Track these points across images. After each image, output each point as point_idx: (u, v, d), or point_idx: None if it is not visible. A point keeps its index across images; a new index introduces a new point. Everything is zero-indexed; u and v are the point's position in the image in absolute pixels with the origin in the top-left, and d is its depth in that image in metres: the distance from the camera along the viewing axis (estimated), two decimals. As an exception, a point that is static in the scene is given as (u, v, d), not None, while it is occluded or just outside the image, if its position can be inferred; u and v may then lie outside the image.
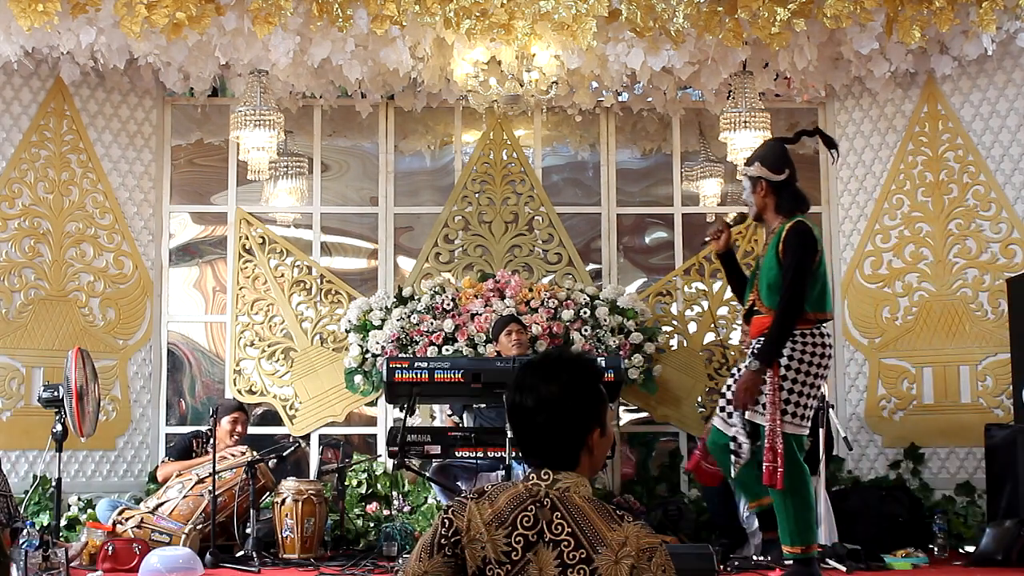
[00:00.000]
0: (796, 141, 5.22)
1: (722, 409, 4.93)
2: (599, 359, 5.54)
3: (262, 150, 6.77)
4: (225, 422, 6.38)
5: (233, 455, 6.17)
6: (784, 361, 4.73)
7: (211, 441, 6.47)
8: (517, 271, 7.16)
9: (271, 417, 7.34)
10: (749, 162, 5.01)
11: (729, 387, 4.94)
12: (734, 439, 4.83)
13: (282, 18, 5.63)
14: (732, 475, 4.93)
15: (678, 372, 7.21)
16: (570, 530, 2.19)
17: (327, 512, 6.14)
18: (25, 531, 5.21)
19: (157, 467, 6.65)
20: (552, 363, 2.31)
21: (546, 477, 2.26)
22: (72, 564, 5.22)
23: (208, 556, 5.55)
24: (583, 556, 2.17)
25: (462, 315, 6.81)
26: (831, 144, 5.19)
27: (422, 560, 2.24)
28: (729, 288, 5.46)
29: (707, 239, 5.21)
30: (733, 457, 4.85)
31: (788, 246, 4.75)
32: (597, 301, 6.93)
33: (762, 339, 4.80)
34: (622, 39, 6.07)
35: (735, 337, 7.12)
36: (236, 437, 6.41)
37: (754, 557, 5.71)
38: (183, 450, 6.49)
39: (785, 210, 4.89)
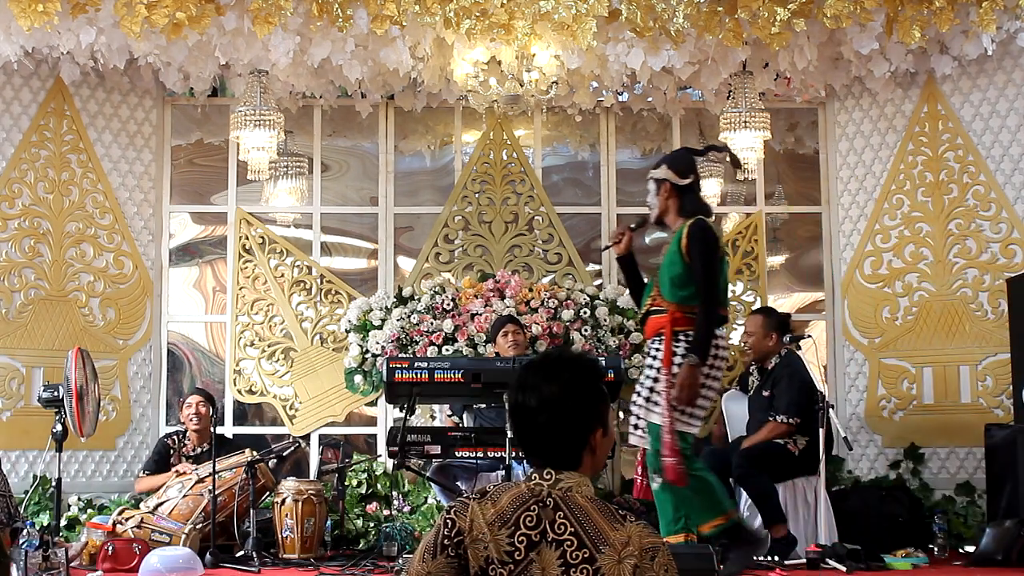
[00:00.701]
0: (704, 154, 5.38)
1: (635, 427, 4.93)
2: (599, 359, 5.53)
3: (262, 150, 6.77)
4: (191, 398, 6.44)
5: (186, 471, 6.14)
6: (677, 360, 4.78)
7: (185, 435, 6.50)
8: (517, 271, 7.15)
9: (270, 417, 7.35)
10: (656, 165, 5.12)
11: (635, 402, 4.93)
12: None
13: (282, 18, 5.63)
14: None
15: (678, 372, 7.20)
16: (573, 530, 2.19)
17: (327, 512, 6.14)
18: (25, 531, 5.21)
19: (136, 480, 6.63)
20: (553, 363, 2.31)
21: (548, 477, 2.26)
22: (72, 564, 5.22)
23: (208, 556, 5.54)
24: (586, 556, 2.17)
25: (462, 315, 6.81)
26: (736, 163, 5.31)
27: (425, 561, 2.25)
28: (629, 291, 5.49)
29: (609, 243, 5.25)
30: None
31: (693, 241, 4.85)
32: (597, 301, 6.93)
33: (658, 339, 4.87)
34: (622, 39, 6.07)
35: (735, 337, 7.12)
36: (195, 420, 6.40)
37: (754, 557, 5.71)
38: (161, 457, 6.48)
39: (687, 213, 4.99)
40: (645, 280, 5.26)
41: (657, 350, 4.91)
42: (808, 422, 6.00)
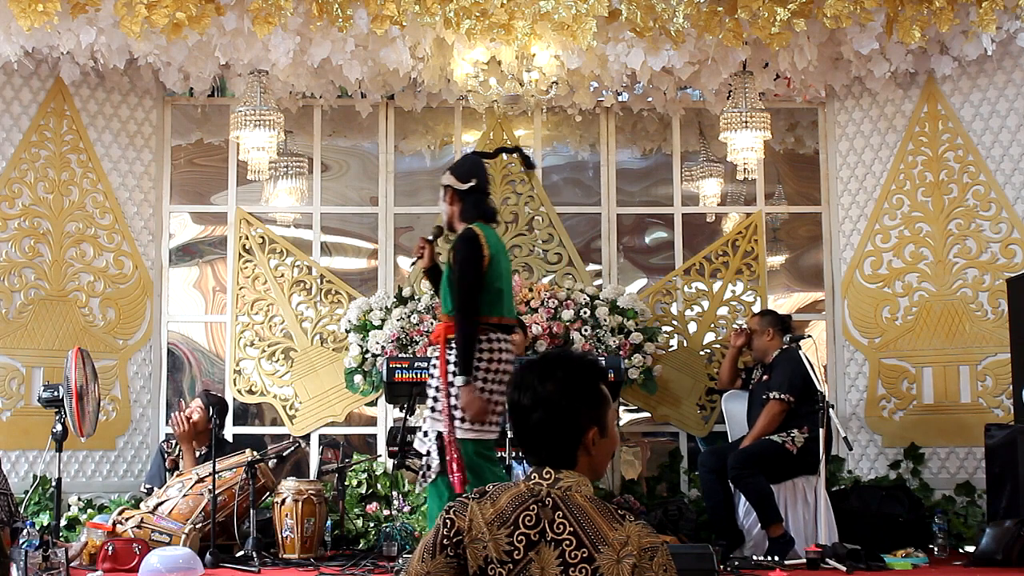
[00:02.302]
0: (495, 156, 5.30)
1: (425, 434, 4.88)
2: (599, 359, 5.54)
3: (262, 150, 6.77)
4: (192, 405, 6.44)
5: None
6: (451, 368, 4.75)
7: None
8: (517, 271, 7.15)
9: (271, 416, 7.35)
10: (444, 171, 5.10)
11: (433, 407, 4.89)
12: (428, 453, 4.82)
13: (282, 18, 5.63)
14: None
15: (678, 372, 7.21)
16: (572, 529, 2.20)
17: (327, 512, 6.13)
18: (25, 531, 5.21)
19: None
20: (550, 362, 2.32)
21: (547, 476, 2.27)
22: (72, 564, 5.22)
23: (208, 556, 5.54)
24: (585, 555, 2.18)
25: (462, 315, 6.80)
26: (528, 164, 5.25)
27: (424, 561, 2.25)
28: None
29: (413, 260, 5.23)
30: (420, 475, 4.89)
31: (454, 253, 4.82)
32: (597, 301, 6.93)
33: (436, 348, 4.86)
34: (622, 39, 6.07)
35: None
36: (182, 427, 6.36)
37: (754, 557, 5.72)
38: (159, 469, 6.49)
39: (468, 218, 4.95)
40: None
41: (437, 360, 4.88)
42: (807, 414, 6.02)
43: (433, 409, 4.80)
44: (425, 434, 4.85)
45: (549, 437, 2.28)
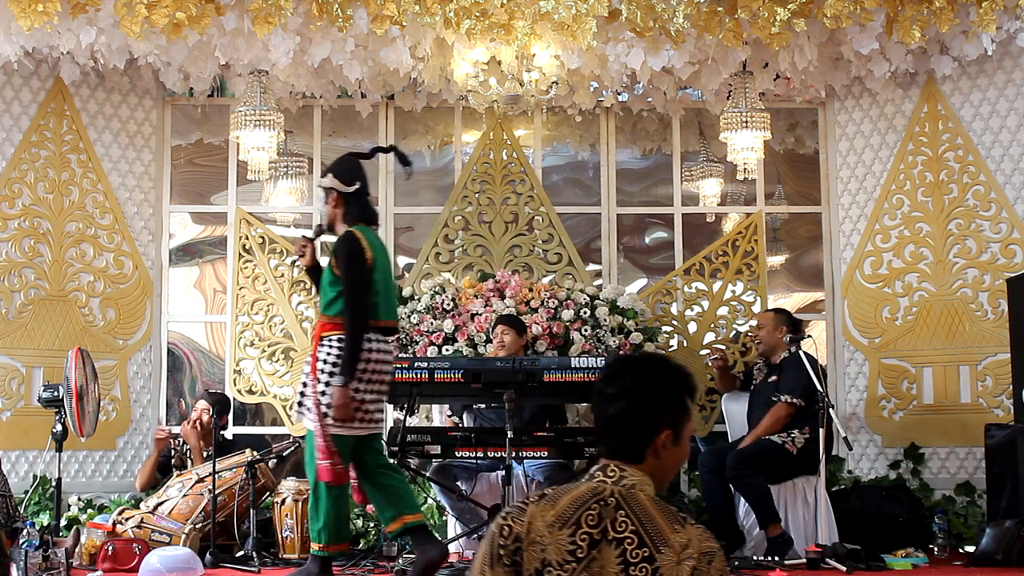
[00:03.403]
0: (371, 157, 5.33)
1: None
2: (599, 359, 5.54)
3: (262, 150, 6.77)
4: (195, 410, 6.43)
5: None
6: (320, 365, 4.81)
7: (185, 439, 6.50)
8: (517, 271, 7.15)
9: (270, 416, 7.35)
10: (323, 173, 5.12)
11: (300, 403, 4.95)
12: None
13: (282, 18, 5.63)
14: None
15: (678, 372, 7.20)
16: (634, 528, 2.21)
17: (327, 512, 6.12)
18: (25, 531, 5.22)
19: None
20: (643, 360, 2.38)
21: (612, 474, 2.29)
22: (72, 562, 5.23)
23: (208, 556, 5.54)
24: (646, 555, 2.18)
25: (462, 315, 6.81)
26: (405, 161, 5.27)
27: (484, 572, 2.25)
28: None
29: (295, 258, 5.26)
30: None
31: (337, 256, 4.88)
32: (597, 301, 6.92)
33: (313, 346, 4.91)
34: (622, 39, 6.07)
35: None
36: (198, 428, 6.37)
37: (754, 557, 5.72)
38: (163, 461, 6.50)
39: (350, 220, 5.00)
40: None
41: (310, 357, 4.94)
42: (808, 414, 6.03)
43: (301, 404, 4.88)
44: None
45: (625, 428, 2.30)
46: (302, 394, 4.90)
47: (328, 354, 4.84)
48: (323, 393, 4.80)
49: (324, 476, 4.78)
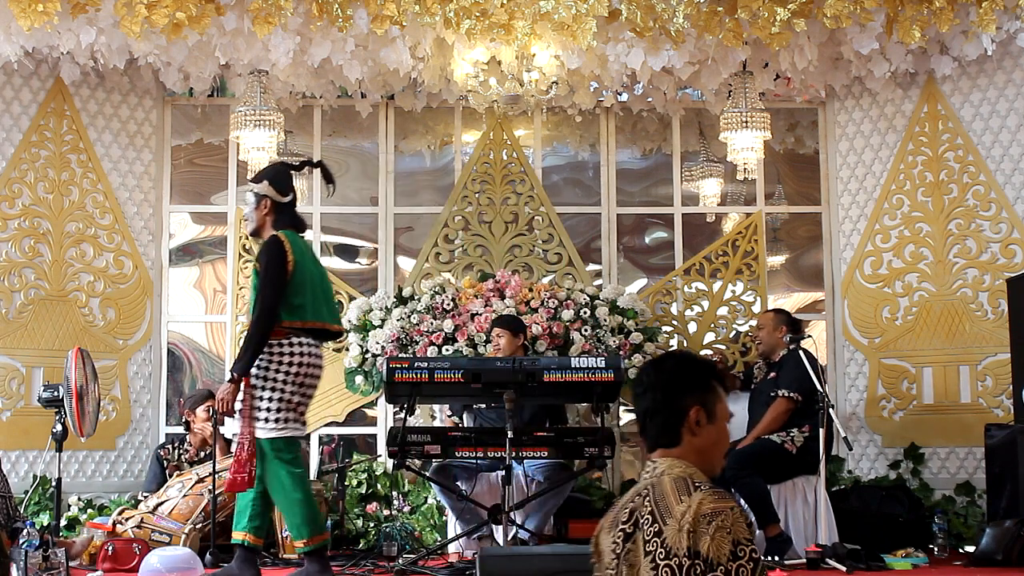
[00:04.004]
0: (301, 169, 5.38)
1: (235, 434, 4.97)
2: (599, 359, 5.54)
3: (262, 150, 6.77)
4: (200, 411, 6.40)
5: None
6: (253, 370, 4.85)
7: (184, 441, 6.48)
8: (517, 271, 7.15)
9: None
10: (257, 179, 5.15)
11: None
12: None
13: (282, 18, 5.63)
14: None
15: (678, 372, 7.20)
16: (650, 510, 2.28)
17: (327, 512, 6.14)
18: (25, 531, 5.22)
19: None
20: (665, 354, 2.55)
21: (649, 468, 2.39)
22: (72, 564, 5.23)
23: (208, 556, 5.55)
24: (656, 531, 2.24)
25: (462, 315, 6.81)
26: (329, 179, 5.30)
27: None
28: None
29: None
30: None
31: (260, 256, 4.93)
32: (597, 301, 6.92)
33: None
34: (622, 39, 6.07)
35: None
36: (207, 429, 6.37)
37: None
38: (157, 475, 6.48)
39: (279, 227, 5.04)
40: None
41: None
42: (808, 413, 6.03)
43: (234, 411, 4.91)
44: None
45: (655, 418, 2.42)
46: (242, 401, 4.92)
47: (260, 359, 4.87)
48: (259, 398, 4.85)
49: (228, 487, 4.88)
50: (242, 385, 4.86)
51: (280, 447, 4.88)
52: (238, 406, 4.86)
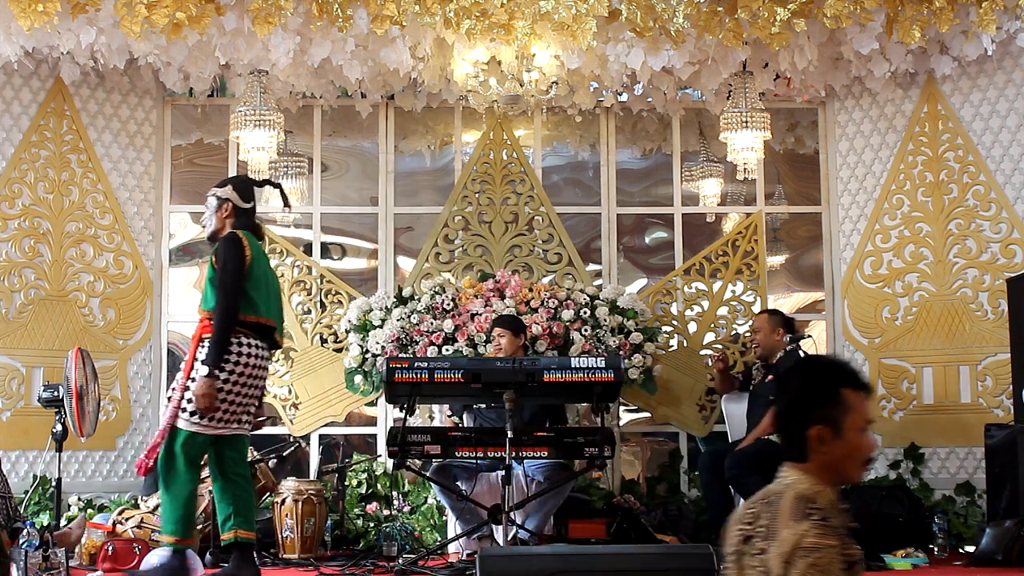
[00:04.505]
0: (263, 186, 5.48)
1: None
2: (599, 359, 5.54)
3: (262, 150, 6.77)
4: None
5: None
6: (196, 365, 4.90)
7: None
8: (517, 271, 7.15)
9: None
10: (221, 185, 5.22)
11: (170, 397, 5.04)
12: None
13: (282, 18, 5.63)
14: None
15: (678, 372, 7.21)
16: (764, 523, 2.32)
17: (327, 512, 6.14)
18: (25, 531, 5.22)
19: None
20: (797, 364, 2.57)
21: (781, 476, 2.42)
22: (72, 563, 5.23)
23: (208, 556, 5.54)
24: (763, 547, 2.29)
25: (462, 315, 6.81)
26: (286, 202, 5.44)
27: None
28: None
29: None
30: None
31: (219, 251, 5.00)
32: (597, 301, 6.92)
33: (200, 348, 4.98)
34: (622, 39, 6.07)
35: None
36: None
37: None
38: (155, 479, 6.46)
39: (238, 229, 5.11)
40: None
41: (187, 357, 5.04)
42: None
43: (170, 399, 4.97)
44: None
45: (783, 430, 2.45)
46: (172, 389, 5.01)
47: (206, 355, 4.90)
48: (187, 388, 4.88)
49: (140, 471, 4.96)
50: (181, 381, 4.91)
51: (190, 441, 4.89)
52: (174, 398, 4.91)
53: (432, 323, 6.80)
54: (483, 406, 6.28)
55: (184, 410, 4.88)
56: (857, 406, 2.38)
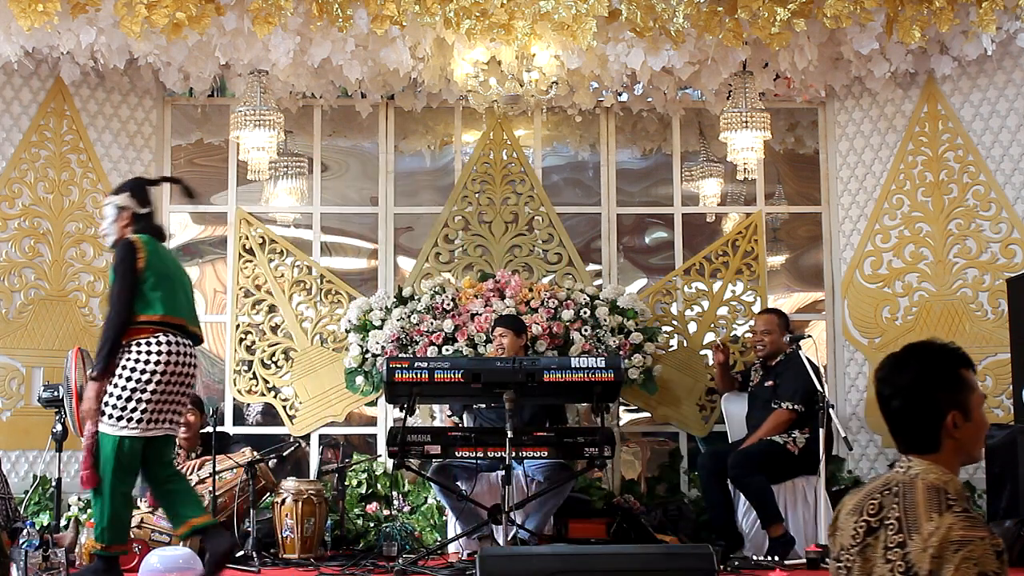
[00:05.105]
0: (158, 184, 5.44)
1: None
2: (599, 359, 5.54)
3: (262, 150, 6.77)
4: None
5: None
6: (117, 371, 4.89)
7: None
8: (517, 271, 7.15)
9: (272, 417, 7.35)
10: (116, 192, 5.20)
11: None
12: None
13: (282, 18, 5.63)
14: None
15: (678, 372, 7.21)
16: (897, 515, 2.28)
17: (327, 512, 6.14)
18: (25, 531, 5.22)
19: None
20: (908, 352, 2.45)
21: (903, 466, 2.37)
22: (73, 559, 5.23)
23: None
24: (899, 541, 2.25)
25: (462, 315, 6.81)
26: (189, 192, 5.47)
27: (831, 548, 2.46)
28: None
29: None
30: None
31: (115, 258, 4.99)
32: (597, 301, 6.92)
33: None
34: (622, 39, 6.07)
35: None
36: (184, 431, 6.17)
37: (754, 557, 5.72)
38: None
39: (136, 234, 5.09)
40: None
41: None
42: (809, 416, 6.03)
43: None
44: None
45: (909, 424, 2.38)
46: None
47: (126, 358, 4.87)
48: (108, 394, 4.86)
49: (84, 483, 4.87)
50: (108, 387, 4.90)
51: (122, 448, 4.85)
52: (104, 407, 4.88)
53: (432, 323, 6.80)
54: (483, 406, 6.28)
55: (104, 413, 4.84)
56: (975, 384, 2.40)
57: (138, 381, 4.84)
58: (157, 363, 4.87)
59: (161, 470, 5.04)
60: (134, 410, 4.85)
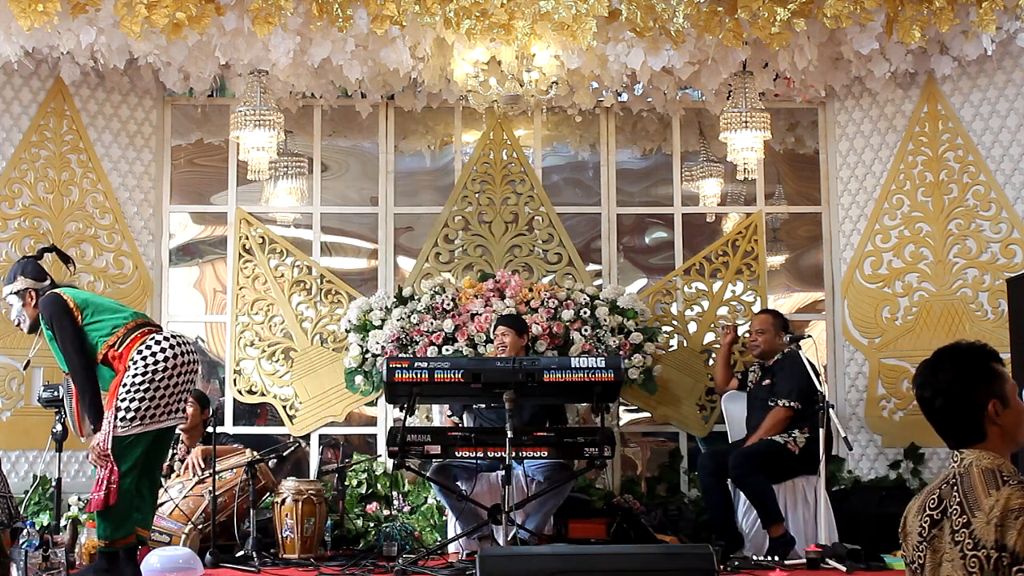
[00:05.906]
0: (40, 257, 5.45)
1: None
2: (599, 359, 5.54)
3: (262, 150, 6.76)
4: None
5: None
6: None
7: (178, 440, 6.47)
8: (517, 271, 7.16)
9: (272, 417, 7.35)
10: (10, 280, 5.27)
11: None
12: None
13: (282, 18, 5.63)
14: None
15: (678, 372, 7.21)
16: (959, 500, 2.41)
17: (327, 512, 6.14)
18: (25, 531, 5.22)
19: None
20: (939, 357, 2.60)
21: (956, 460, 2.51)
22: (73, 559, 5.23)
23: (208, 556, 5.55)
24: (964, 521, 2.37)
25: (462, 315, 6.81)
26: (65, 259, 5.48)
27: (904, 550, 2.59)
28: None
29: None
30: None
31: (46, 320, 5.05)
32: (597, 301, 6.92)
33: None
34: (622, 39, 6.07)
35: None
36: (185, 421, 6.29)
37: (754, 557, 5.72)
38: None
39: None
40: None
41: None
42: (808, 415, 6.03)
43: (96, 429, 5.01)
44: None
45: (954, 419, 2.54)
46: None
47: (133, 362, 4.95)
48: (122, 399, 4.92)
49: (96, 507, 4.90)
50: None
51: (118, 441, 4.90)
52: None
53: (432, 323, 6.80)
54: (483, 406, 6.28)
55: (123, 419, 4.87)
56: (1007, 375, 2.55)
57: (150, 380, 4.90)
58: (166, 359, 4.93)
59: (158, 463, 5.13)
60: (137, 409, 4.89)
